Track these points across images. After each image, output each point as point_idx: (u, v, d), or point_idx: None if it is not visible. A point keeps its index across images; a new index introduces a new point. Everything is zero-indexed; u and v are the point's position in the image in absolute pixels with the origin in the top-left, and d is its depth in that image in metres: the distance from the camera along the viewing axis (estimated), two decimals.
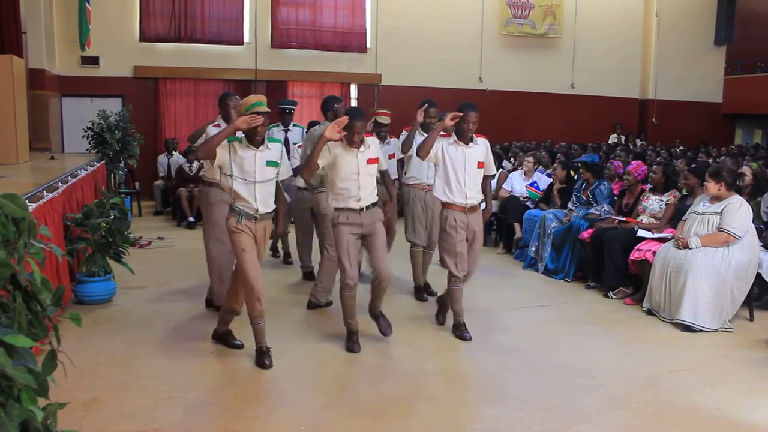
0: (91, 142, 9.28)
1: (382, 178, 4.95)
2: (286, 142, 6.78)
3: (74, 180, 6.46)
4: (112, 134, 9.15)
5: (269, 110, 4.38)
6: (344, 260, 4.64)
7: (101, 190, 7.16)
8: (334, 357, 4.61)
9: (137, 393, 3.92)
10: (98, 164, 8.63)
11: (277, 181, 4.48)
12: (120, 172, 9.89)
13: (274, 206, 4.45)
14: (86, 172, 7.38)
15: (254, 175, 4.27)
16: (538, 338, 5.13)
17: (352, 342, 4.74)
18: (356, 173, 4.60)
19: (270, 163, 4.35)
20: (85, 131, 9.30)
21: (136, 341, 4.81)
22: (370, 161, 4.67)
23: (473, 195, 5.00)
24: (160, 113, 12.74)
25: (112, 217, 5.85)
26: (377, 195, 4.81)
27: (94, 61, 12.19)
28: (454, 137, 4.99)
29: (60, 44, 11.86)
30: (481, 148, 5.06)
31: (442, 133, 4.98)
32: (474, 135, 5.00)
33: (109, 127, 9.18)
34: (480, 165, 5.03)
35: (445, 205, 5.03)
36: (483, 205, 5.21)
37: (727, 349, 4.97)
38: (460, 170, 4.95)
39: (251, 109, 4.24)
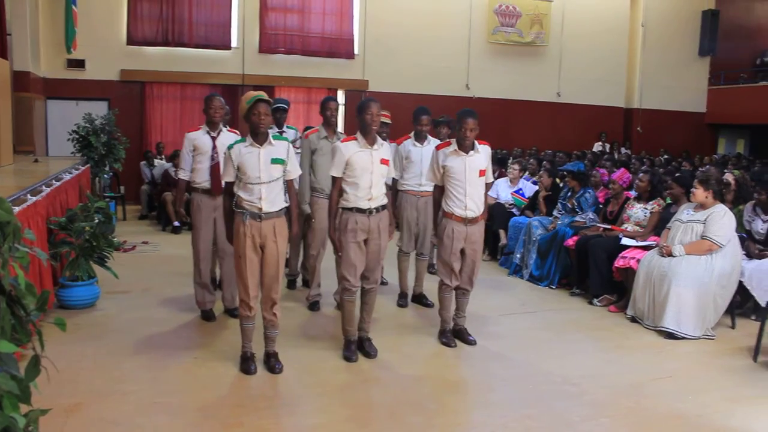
0: (76, 146, 9.23)
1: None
2: None
3: (58, 183, 6.41)
4: (97, 138, 9.10)
5: (271, 100, 4.31)
6: (348, 269, 4.57)
7: (86, 194, 7.11)
8: (318, 363, 4.59)
9: (120, 399, 3.88)
10: (83, 168, 8.57)
11: (289, 181, 4.39)
12: (105, 175, 9.83)
13: (284, 205, 4.33)
14: (71, 175, 7.33)
15: (259, 174, 4.16)
16: (523, 345, 5.14)
17: (349, 351, 4.68)
18: (370, 171, 4.48)
19: (275, 161, 4.23)
20: (70, 134, 9.24)
21: (119, 346, 4.77)
22: (383, 161, 4.55)
23: (473, 206, 4.88)
24: (147, 117, 12.67)
25: (97, 221, 5.81)
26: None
27: (80, 63, 12.11)
28: (454, 145, 4.88)
29: (45, 46, 11.78)
30: (482, 155, 4.93)
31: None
32: (476, 141, 4.90)
33: (94, 131, 9.13)
34: (481, 173, 4.92)
35: (445, 215, 4.95)
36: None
37: (709, 357, 5.01)
38: (461, 180, 4.84)
39: (253, 100, 4.17)
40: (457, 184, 4.86)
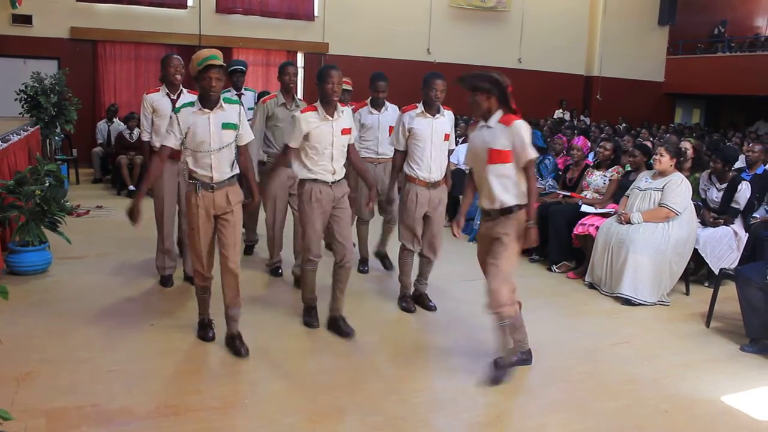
0: (25, 106, 8.88)
1: (350, 158, 4.54)
2: None
3: (5, 145, 6.18)
4: (47, 98, 8.77)
5: (224, 65, 3.96)
6: (312, 239, 4.39)
7: (35, 156, 6.86)
8: (278, 330, 4.55)
9: (73, 367, 3.79)
10: (32, 129, 8.26)
11: (244, 147, 4.09)
12: (56, 137, 9.51)
13: (235, 171, 4.07)
14: (19, 137, 7.05)
15: (209, 141, 3.88)
16: (482, 311, 5.15)
17: (310, 317, 4.62)
18: (330, 144, 4.28)
19: (227, 126, 3.94)
20: (18, 94, 8.88)
21: (72, 313, 4.64)
22: (344, 131, 4.34)
23: (437, 169, 4.83)
24: (99, 78, 12.28)
25: (48, 184, 5.62)
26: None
27: (26, 19, 11.58)
28: (421, 108, 4.78)
29: None
30: (447, 119, 4.87)
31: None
32: (441, 106, 4.82)
33: (43, 91, 8.79)
34: (446, 137, 4.85)
35: (408, 179, 4.85)
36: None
37: (664, 322, 5.12)
38: (427, 143, 4.75)
39: (204, 63, 3.80)
40: (423, 146, 4.77)
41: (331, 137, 4.28)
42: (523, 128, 3.82)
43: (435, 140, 4.78)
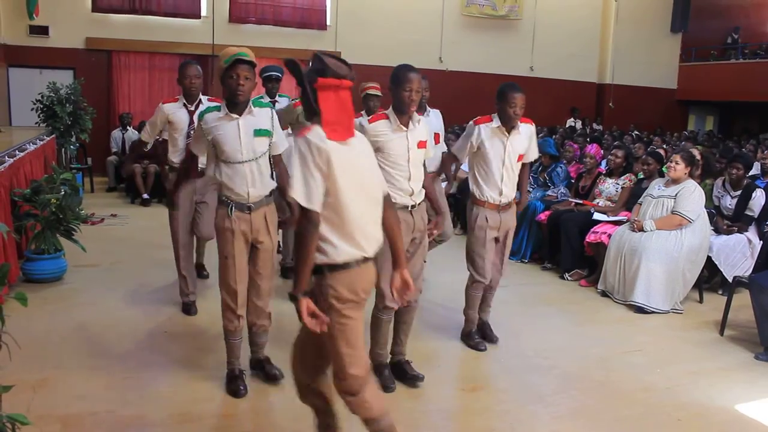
0: (41, 116, 9.00)
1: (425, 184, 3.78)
2: None
3: (22, 154, 6.24)
4: (62, 107, 8.88)
5: (255, 62, 3.48)
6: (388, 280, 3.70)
7: (51, 165, 6.94)
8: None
9: (88, 374, 3.82)
10: (48, 138, 8.36)
11: (278, 157, 3.67)
12: (71, 146, 9.62)
13: (272, 186, 3.61)
14: (35, 146, 7.13)
15: (241, 150, 3.44)
16: (495, 318, 5.12)
17: (384, 378, 3.85)
18: (406, 159, 3.58)
19: (259, 132, 3.49)
20: (34, 104, 9.00)
21: (87, 321, 4.69)
22: (420, 144, 3.65)
23: (508, 192, 4.31)
24: (114, 87, 12.38)
25: (63, 193, 5.68)
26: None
27: (43, 30, 11.72)
28: (497, 122, 4.21)
29: (6, 12, 11.38)
30: (524, 136, 4.30)
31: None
32: (519, 121, 4.23)
33: (59, 100, 8.90)
34: (520, 158, 4.32)
35: (476, 202, 4.35)
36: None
37: (677, 330, 5.09)
38: (497, 164, 4.23)
39: (232, 59, 3.37)
40: (494, 167, 4.25)
41: (407, 152, 3.59)
42: (298, 147, 2.45)
43: (507, 162, 4.25)
